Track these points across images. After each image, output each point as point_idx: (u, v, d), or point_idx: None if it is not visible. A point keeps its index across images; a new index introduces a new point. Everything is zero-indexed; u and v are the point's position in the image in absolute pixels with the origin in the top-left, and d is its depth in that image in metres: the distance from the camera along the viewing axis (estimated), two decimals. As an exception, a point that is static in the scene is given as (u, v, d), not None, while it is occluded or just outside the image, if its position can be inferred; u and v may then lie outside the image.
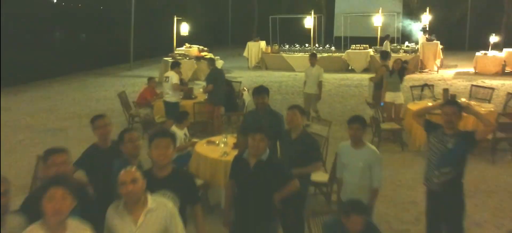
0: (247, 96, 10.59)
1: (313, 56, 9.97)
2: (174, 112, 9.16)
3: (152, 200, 3.03)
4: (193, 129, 9.20)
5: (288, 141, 4.79)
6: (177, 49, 18.22)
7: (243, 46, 21.31)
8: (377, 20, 19.06)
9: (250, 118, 5.55)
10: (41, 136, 10.31)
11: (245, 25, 29.61)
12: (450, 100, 6.18)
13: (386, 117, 8.96)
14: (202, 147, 6.57)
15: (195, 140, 7.15)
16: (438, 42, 17.86)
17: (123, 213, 2.98)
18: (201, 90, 10.65)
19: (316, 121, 8.36)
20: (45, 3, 33.43)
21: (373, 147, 4.54)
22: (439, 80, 16.05)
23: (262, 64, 19.81)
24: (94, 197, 3.61)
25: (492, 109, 8.42)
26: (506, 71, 16.70)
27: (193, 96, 10.20)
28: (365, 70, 17.98)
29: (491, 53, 17.07)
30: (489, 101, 9.40)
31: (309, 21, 19.87)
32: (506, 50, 16.91)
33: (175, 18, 17.97)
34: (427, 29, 18.91)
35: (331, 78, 16.87)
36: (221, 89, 9.73)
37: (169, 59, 17.06)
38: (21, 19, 23.98)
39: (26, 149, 9.26)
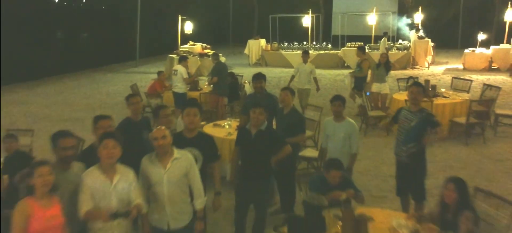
0: (248, 88, 11.55)
1: (305, 54, 10.74)
2: (182, 102, 10.15)
3: (177, 152, 3.99)
4: (193, 101, 10.18)
5: (281, 116, 5.77)
6: (181, 46, 19.17)
7: (243, 44, 22.27)
8: (372, 19, 19.99)
9: (250, 100, 6.54)
10: (61, 125, 11.24)
11: (246, 23, 30.54)
12: (416, 81, 7.10)
13: (373, 105, 9.93)
14: (209, 128, 7.56)
15: (202, 123, 8.12)
16: (429, 40, 18.80)
17: (155, 161, 3.94)
18: (206, 83, 11.61)
19: (313, 109, 9.25)
20: (49, 3, 34.40)
21: (352, 120, 5.53)
22: (429, 75, 16.97)
23: (262, 61, 20.76)
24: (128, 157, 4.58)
25: (467, 98, 9.38)
26: (493, 67, 17.65)
27: (198, 88, 11.19)
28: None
29: (478, 50, 18.02)
30: (468, 92, 10.35)
31: (307, 20, 20.81)
32: (493, 47, 17.85)
33: (180, 17, 18.94)
34: (419, 27, 19.79)
35: (327, 74, 17.84)
36: (225, 81, 10.68)
37: (175, 56, 18.05)
38: (29, 18, 24.90)
39: (50, 136, 10.20)
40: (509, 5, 17.72)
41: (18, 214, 3.31)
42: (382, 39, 18.64)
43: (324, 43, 20.87)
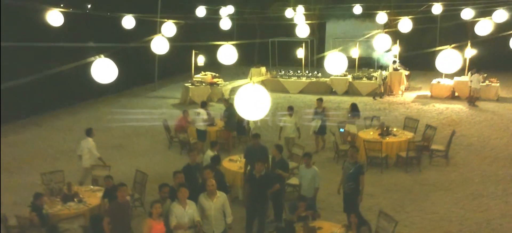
0: (252, 123, 15.09)
1: (290, 109, 13.66)
2: (203, 136, 13.77)
3: (219, 193, 7.57)
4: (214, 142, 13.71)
5: (274, 162, 9.41)
6: (194, 76, 22.77)
7: (246, 63, 25.80)
8: (355, 52, 23.59)
9: (249, 150, 10.18)
10: (110, 152, 14.75)
11: (248, 46, 34.13)
12: (354, 144, 10.60)
13: (344, 140, 13.50)
14: (226, 163, 11.13)
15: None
16: (402, 71, 22.36)
17: (207, 198, 7.50)
18: (219, 119, 15.14)
19: (297, 147, 12.62)
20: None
21: (316, 168, 9.08)
22: (400, 103, 20.56)
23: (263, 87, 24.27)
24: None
25: (408, 136, 12.94)
26: (455, 95, 21.20)
27: (214, 124, 14.76)
28: (346, 93, 22.54)
29: (443, 80, 21.58)
30: (414, 131, 13.89)
31: (300, 53, 24.38)
32: (455, 79, 21.39)
33: (193, 52, 22.54)
34: (396, 60, 23.27)
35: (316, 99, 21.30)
36: (234, 120, 14.24)
37: (189, 85, 21.63)
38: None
39: (109, 162, 13.69)
40: (469, 44, 21.25)
41: (145, 226, 6.91)
42: (379, 72, 22.03)
43: (315, 72, 24.34)
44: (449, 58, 8.99)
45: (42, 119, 19.27)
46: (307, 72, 24.49)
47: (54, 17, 15.31)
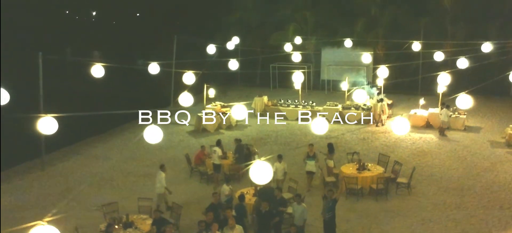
0: (258, 156, 18.68)
1: (279, 157, 16.66)
2: (218, 169, 17.40)
3: (237, 226, 11.21)
4: (228, 177, 17.30)
5: (275, 200, 13.03)
6: (206, 106, 26.41)
7: (249, 85, 29.14)
8: (344, 85, 27.22)
9: (262, 190, 13.74)
10: (142, 181, 18.30)
11: (250, 69, 37.79)
12: (331, 188, 14.22)
13: (329, 174, 17.13)
14: (238, 194, 14.74)
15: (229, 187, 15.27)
16: (384, 103, 25.97)
17: (229, 229, 11.15)
18: (230, 153, 18.74)
19: (293, 182, 16.17)
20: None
21: (304, 205, 12.71)
22: (381, 132, 24.15)
23: (264, 113, 27.94)
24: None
25: (380, 171, 16.55)
26: (430, 124, 24.81)
27: (227, 158, 18.37)
28: (336, 121, 26.14)
29: (419, 112, 25.20)
30: (386, 165, 17.50)
31: (297, 85, 28.01)
32: (430, 110, 25.02)
33: (205, 85, 26.19)
34: (379, 92, 26.92)
35: (309, 127, 24.86)
36: (242, 155, 17.85)
37: (201, 115, 25.25)
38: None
39: (144, 190, 17.22)
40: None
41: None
42: (379, 104, 25.41)
43: (311, 101, 27.93)
44: (401, 123, 12.56)
45: (79, 147, 22.78)
46: (303, 101, 28.09)
47: (97, 70, 18.94)
